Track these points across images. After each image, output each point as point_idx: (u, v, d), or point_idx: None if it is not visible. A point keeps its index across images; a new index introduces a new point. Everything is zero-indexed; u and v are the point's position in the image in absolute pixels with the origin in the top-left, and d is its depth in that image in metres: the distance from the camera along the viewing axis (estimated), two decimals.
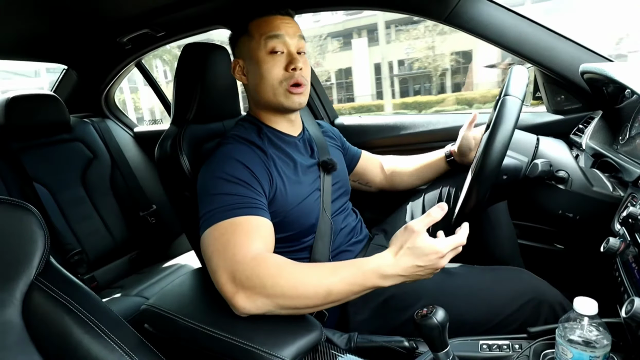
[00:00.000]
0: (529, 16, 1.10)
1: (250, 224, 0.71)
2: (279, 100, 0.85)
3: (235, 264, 0.66)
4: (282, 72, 0.83)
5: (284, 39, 0.83)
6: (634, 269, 0.62)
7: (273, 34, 0.82)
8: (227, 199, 0.73)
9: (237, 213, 0.71)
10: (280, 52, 0.83)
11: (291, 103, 0.85)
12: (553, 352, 0.59)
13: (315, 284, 0.65)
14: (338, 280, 0.65)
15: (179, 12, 1.25)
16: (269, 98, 0.86)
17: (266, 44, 0.83)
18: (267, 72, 0.83)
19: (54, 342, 0.56)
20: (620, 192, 0.83)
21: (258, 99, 0.89)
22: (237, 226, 0.70)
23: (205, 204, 0.76)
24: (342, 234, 0.97)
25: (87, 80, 1.78)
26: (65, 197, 1.52)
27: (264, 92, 0.86)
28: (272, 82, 0.84)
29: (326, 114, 1.64)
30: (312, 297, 0.64)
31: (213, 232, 0.71)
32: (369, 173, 1.20)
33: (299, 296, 0.64)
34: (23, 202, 0.60)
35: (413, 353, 0.75)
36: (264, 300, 0.65)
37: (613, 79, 0.84)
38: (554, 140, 0.96)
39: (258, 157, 0.83)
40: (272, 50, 0.83)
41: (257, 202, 0.76)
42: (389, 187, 1.22)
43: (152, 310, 0.80)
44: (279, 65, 0.83)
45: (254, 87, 0.88)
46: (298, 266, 0.67)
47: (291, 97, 0.85)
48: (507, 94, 0.76)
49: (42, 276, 0.59)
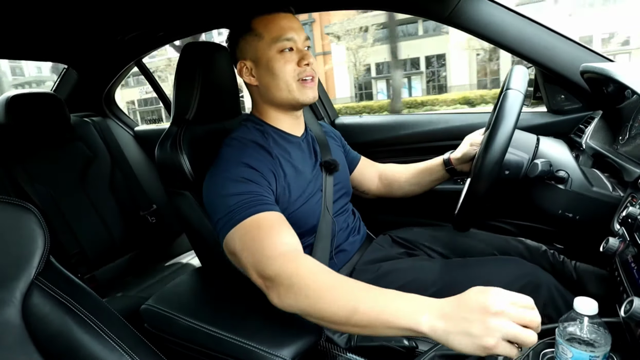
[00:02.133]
0: (530, 16, 1.10)
1: (270, 220, 0.72)
2: (294, 96, 0.86)
3: (264, 259, 0.66)
4: (295, 68, 0.85)
5: (294, 39, 0.85)
6: (633, 268, 0.62)
7: (285, 37, 0.84)
8: (241, 198, 0.74)
9: (254, 211, 0.72)
10: (289, 50, 0.85)
11: (306, 97, 0.87)
12: (553, 351, 0.59)
13: (342, 296, 0.59)
14: (369, 299, 0.58)
15: (180, 11, 1.25)
16: (284, 95, 0.87)
17: (277, 44, 0.84)
18: (280, 70, 0.84)
19: (54, 342, 0.56)
20: (619, 192, 0.83)
21: (271, 98, 0.89)
22: (259, 222, 0.70)
23: (219, 207, 0.76)
24: (342, 234, 0.97)
25: (87, 80, 1.78)
26: (66, 197, 1.52)
27: (278, 90, 0.87)
28: (286, 79, 0.85)
29: (327, 113, 1.64)
30: (337, 310, 0.59)
31: (237, 233, 0.71)
32: (366, 180, 1.19)
33: (323, 304, 0.60)
34: (23, 202, 0.60)
35: (413, 352, 0.75)
36: (290, 301, 0.63)
37: (613, 79, 0.84)
38: (554, 140, 0.96)
39: (264, 157, 0.83)
40: (282, 49, 0.84)
41: (268, 199, 0.76)
42: (386, 195, 1.21)
43: (152, 310, 0.80)
44: (292, 62, 0.85)
45: (266, 87, 0.88)
46: (331, 274, 0.63)
47: (305, 92, 0.86)
48: (508, 87, 0.76)
49: (42, 276, 0.59)
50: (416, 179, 1.14)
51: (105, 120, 1.83)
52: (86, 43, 1.48)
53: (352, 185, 1.18)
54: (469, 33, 1.15)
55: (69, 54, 1.60)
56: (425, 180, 1.13)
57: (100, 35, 1.41)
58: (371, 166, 1.21)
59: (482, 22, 1.11)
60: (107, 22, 1.28)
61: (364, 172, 1.18)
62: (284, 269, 0.64)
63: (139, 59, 1.74)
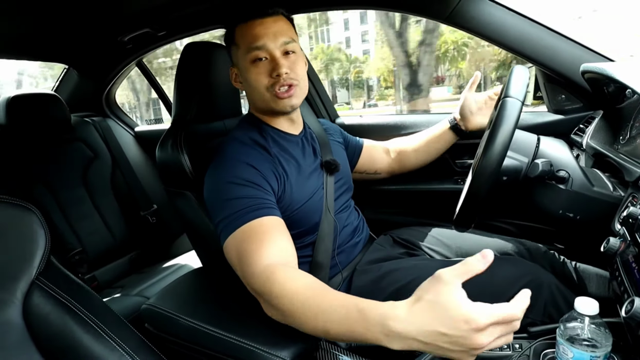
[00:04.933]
0: (530, 15, 1.10)
1: (264, 227, 0.72)
2: (269, 105, 0.86)
3: (250, 275, 0.68)
4: (267, 79, 0.83)
5: (266, 46, 0.81)
6: (634, 268, 0.62)
7: (254, 46, 0.81)
8: (240, 203, 0.74)
9: (251, 217, 0.72)
10: (264, 59, 0.82)
11: (282, 107, 0.85)
12: (553, 351, 0.59)
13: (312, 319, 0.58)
14: (336, 322, 0.55)
15: (180, 11, 1.25)
16: (260, 104, 0.88)
17: (248, 54, 0.82)
18: (253, 81, 0.84)
19: (55, 342, 0.56)
20: (620, 192, 0.83)
21: (253, 104, 0.91)
22: (251, 232, 0.71)
23: (218, 210, 0.76)
24: (345, 233, 0.97)
25: (88, 80, 1.78)
26: (66, 197, 1.52)
27: (254, 99, 0.89)
28: (259, 90, 0.84)
29: (327, 113, 1.64)
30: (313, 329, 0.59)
31: (232, 242, 0.72)
32: (376, 160, 1.19)
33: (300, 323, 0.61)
34: (24, 202, 0.60)
35: (413, 353, 0.75)
36: (276, 314, 0.65)
37: (614, 79, 0.84)
38: (555, 140, 0.96)
39: (263, 157, 0.83)
40: (254, 59, 0.82)
41: (267, 202, 0.76)
42: (399, 170, 1.20)
43: (152, 310, 0.80)
44: (264, 73, 0.82)
45: (249, 95, 0.90)
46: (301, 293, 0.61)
47: (280, 102, 0.84)
48: (507, 95, 0.76)
49: (43, 276, 0.59)
50: (425, 147, 1.15)
51: (105, 121, 1.83)
52: (87, 43, 1.48)
53: (363, 169, 1.19)
54: (469, 33, 1.14)
55: (70, 54, 1.60)
56: (434, 147, 1.14)
57: (101, 35, 1.41)
58: (378, 145, 1.21)
59: (483, 22, 1.11)
60: (107, 22, 1.28)
61: (372, 154, 1.18)
62: (262, 288, 0.65)
63: (139, 59, 1.74)
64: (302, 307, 0.60)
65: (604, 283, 0.91)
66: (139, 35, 1.41)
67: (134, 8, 1.20)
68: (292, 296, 0.61)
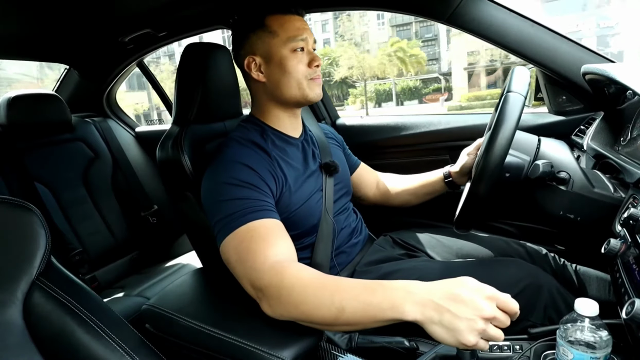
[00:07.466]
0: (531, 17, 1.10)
1: (265, 228, 0.73)
2: (303, 93, 0.89)
3: (254, 272, 0.68)
4: (305, 68, 0.88)
5: (307, 40, 0.88)
6: (635, 270, 0.62)
7: (299, 37, 0.87)
8: (238, 204, 0.74)
9: (250, 218, 0.73)
10: (300, 50, 0.88)
11: (314, 94, 0.90)
12: (554, 353, 0.59)
13: (327, 299, 0.61)
14: (352, 298, 0.59)
15: (181, 11, 1.25)
16: (293, 92, 0.89)
17: (291, 43, 0.86)
18: (293, 68, 0.87)
19: (55, 343, 0.56)
20: (621, 193, 0.83)
21: (279, 95, 0.90)
22: (253, 232, 0.71)
23: (216, 211, 0.76)
24: (343, 234, 0.97)
25: (88, 80, 1.79)
26: (67, 197, 1.52)
27: (288, 87, 0.88)
28: (297, 77, 0.87)
29: (328, 114, 1.64)
30: (325, 314, 0.61)
31: (231, 242, 0.72)
32: (364, 186, 1.19)
33: (311, 310, 0.62)
34: (24, 202, 0.60)
35: (414, 353, 0.75)
36: (282, 311, 0.66)
37: (615, 80, 0.84)
38: (556, 141, 0.96)
39: (262, 159, 0.83)
40: (295, 48, 0.87)
41: (266, 204, 0.77)
42: (381, 203, 1.21)
43: (153, 310, 0.80)
44: (303, 62, 0.88)
45: (275, 83, 0.89)
46: (316, 279, 0.64)
47: (315, 88, 0.90)
48: (509, 90, 0.76)
49: (44, 276, 0.59)
50: (414, 190, 1.15)
51: (106, 121, 1.83)
52: (87, 43, 1.48)
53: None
54: (470, 34, 1.14)
55: (70, 54, 1.61)
56: (422, 192, 1.15)
57: (102, 36, 1.41)
58: (370, 172, 1.21)
59: (484, 23, 1.11)
60: (108, 22, 1.28)
61: (362, 178, 1.18)
62: (272, 282, 0.65)
63: (140, 59, 1.74)
64: (316, 291, 0.62)
65: (604, 286, 0.91)
66: (140, 36, 1.41)
67: (134, 9, 1.20)
68: (307, 284, 0.63)
